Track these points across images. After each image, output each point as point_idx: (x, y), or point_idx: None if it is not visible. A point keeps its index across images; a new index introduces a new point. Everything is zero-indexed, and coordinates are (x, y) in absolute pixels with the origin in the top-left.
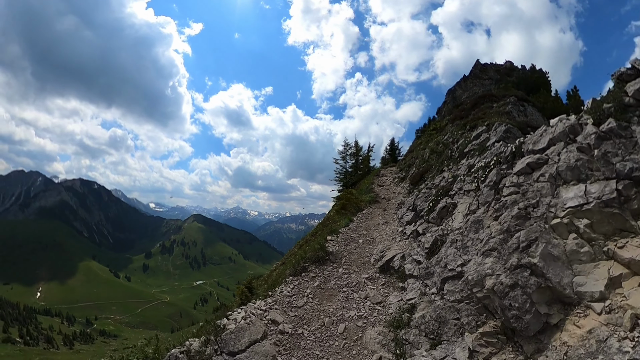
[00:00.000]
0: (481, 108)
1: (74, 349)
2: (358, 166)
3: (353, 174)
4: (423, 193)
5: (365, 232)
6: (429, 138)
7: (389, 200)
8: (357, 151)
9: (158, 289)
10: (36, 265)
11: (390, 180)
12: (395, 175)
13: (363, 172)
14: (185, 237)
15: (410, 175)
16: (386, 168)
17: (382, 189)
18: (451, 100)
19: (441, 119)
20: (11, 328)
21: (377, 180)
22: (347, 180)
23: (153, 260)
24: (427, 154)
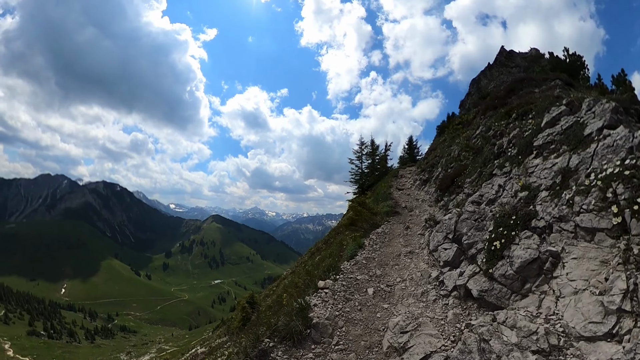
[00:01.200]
0: (519, 95)
1: (95, 343)
2: (375, 166)
3: (369, 175)
4: (469, 213)
5: (379, 272)
6: (455, 133)
7: (411, 211)
8: (374, 150)
9: (177, 287)
10: (61, 263)
11: (410, 182)
12: (416, 177)
13: (380, 173)
14: (204, 237)
15: (437, 178)
16: (405, 168)
17: (401, 193)
18: (476, 91)
19: (466, 111)
20: (36, 322)
21: (395, 183)
22: (363, 182)
23: (173, 260)
24: (455, 151)
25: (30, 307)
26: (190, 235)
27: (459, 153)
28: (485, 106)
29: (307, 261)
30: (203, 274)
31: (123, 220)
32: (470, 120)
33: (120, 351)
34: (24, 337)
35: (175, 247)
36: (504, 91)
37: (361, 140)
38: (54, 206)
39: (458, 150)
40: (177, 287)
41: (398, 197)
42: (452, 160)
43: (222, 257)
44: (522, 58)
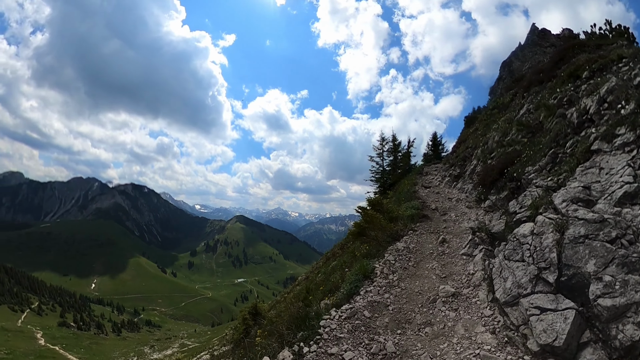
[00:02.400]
0: (572, 62)
1: (121, 335)
2: (397, 164)
3: (391, 173)
4: (585, 225)
5: (391, 344)
6: (489, 120)
7: (444, 214)
8: (395, 147)
9: (201, 285)
10: (92, 260)
11: (438, 179)
12: (445, 173)
13: (403, 171)
14: (228, 237)
15: (473, 172)
16: (430, 165)
17: (429, 192)
18: (508, 74)
19: (499, 97)
20: (67, 314)
21: (421, 180)
22: (384, 180)
23: (198, 258)
24: (494, 137)
25: (62, 300)
26: (214, 234)
27: (500, 139)
28: (527, 83)
29: (322, 267)
30: (227, 272)
31: (150, 220)
32: (507, 104)
33: (145, 344)
34: (55, 328)
35: (200, 246)
36: (551, 62)
37: (382, 136)
38: (85, 207)
39: (499, 136)
40: (201, 284)
41: (425, 196)
42: (493, 148)
43: (245, 257)
44: (557, 38)
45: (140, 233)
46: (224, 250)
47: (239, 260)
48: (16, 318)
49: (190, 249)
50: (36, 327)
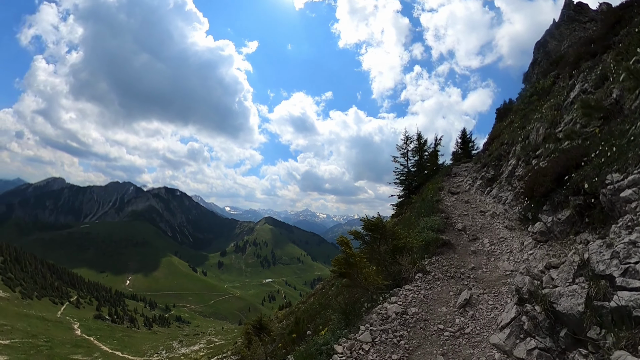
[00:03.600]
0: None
1: (152, 330)
2: (423, 164)
3: (417, 174)
4: None
5: None
6: (528, 109)
7: (474, 240)
8: (421, 146)
9: (230, 284)
10: (127, 258)
11: (468, 182)
12: (476, 175)
13: (429, 172)
14: (257, 238)
15: (512, 175)
16: (459, 165)
17: (456, 200)
18: (543, 56)
19: (536, 82)
20: (103, 307)
21: (448, 183)
22: (409, 183)
23: (227, 258)
24: (539, 129)
25: (98, 295)
26: (244, 235)
27: (548, 130)
28: (573, 58)
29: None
30: (255, 272)
31: (183, 221)
32: (548, 89)
33: (174, 339)
34: (91, 320)
35: (229, 247)
36: (604, 27)
37: (405, 134)
38: (122, 209)
39: (545, 127)
40: (230, 284)
41: (451, 206)
42: (539, 143)
43: (273, 257)
44: (596, 13)
45: (172, 234)
46: (253, 250)
47: (267, 260)
48: (56, 310)
49: (220, 249)
50: (74, 318)
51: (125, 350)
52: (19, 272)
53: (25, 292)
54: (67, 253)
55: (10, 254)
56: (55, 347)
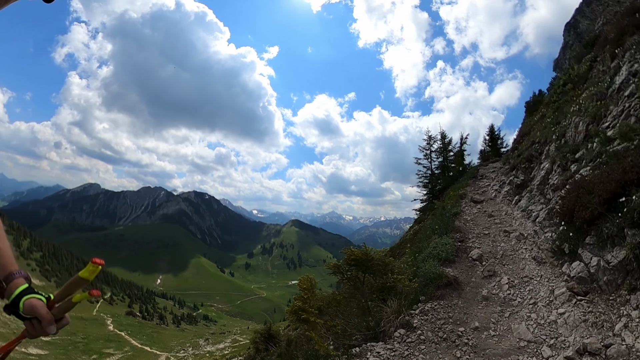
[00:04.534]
0: None
1: (180, 327)
2: (447, 165)
3: (441, 176)
4: None
5: None
6: (563, 99)
7: (489, 277)
8: (445, 146)
9: (257, 285)
10: (158, 259)
11: (495, 187)
12: (504, 179)
13: (455, 173)
14: (283, 240)
15: (550, 183)
16: (487, 165)
17: (479, 212)
18: (575, 38)
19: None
20: (134, 305)
21: (472, 188)
22: (432, 186)
23: (254, 260)
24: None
25: (130, 293)
26: (270, 238)
27: (590, 127)
28: (615, 34)
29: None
30: (281, 274)
31: (211, 224)
32: (584, 74)
33: (200, 337)
34: (123, 316)
35: (256, 249)
36: None
37: (428, 134)
38: (153, 212)
39: (586, 123)
40: (257, 285)
41: (471, 220)
42: (579, 143)
43: (299, 260)
44: None
45: (202, 236)
46: (280, 252)
47: (294, 262)
48: (92, 308)
49: (247, 251)
50: (107, 314)
51: (154, 345)
52: (56, 265)
53: (60, 282)
54: (102, 253)
55: (48, 250)
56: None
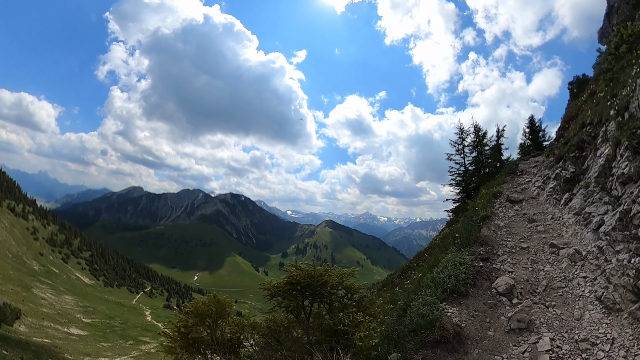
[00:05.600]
0: None
1: None
2: (483, 161)
3: (475, 173)
4: None
5: None
6: (618, 67)
7: (524, 333)
8: (479, 139)
9: None
10: (196, 256)
11: (537, 184)
12: (547, 173)
13: (491, 169)
14: (317, 241)
15: (616, 173)
16: (527, 160)
17: (516, 215)
18: (621, 0)
19: (622, 27)
20: (172, 298)
21: (510, 185)
22: (466, 184)
23: (288, 260)
24: None
25: (169, 287)
26: (304, 238)
27: None
28: None
29: None
30: None
31: (247, 224)
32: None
33: None
34: (161, 309)
35: (290, 249)
36: None
37: (460, 127)
38: (192, 213)
39: None
40: None
41: (504, 227)
42: None
43: (333, 260)
44: None
45: (237, 236)
46: (313, 253)
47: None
48: (132, 297)
49: (281, 251)
50: (146, 306)
51: None
52: (103, 264)
53: (107, 281)
54: (144, 250)
55: (96, 249)
56: (127, 329)
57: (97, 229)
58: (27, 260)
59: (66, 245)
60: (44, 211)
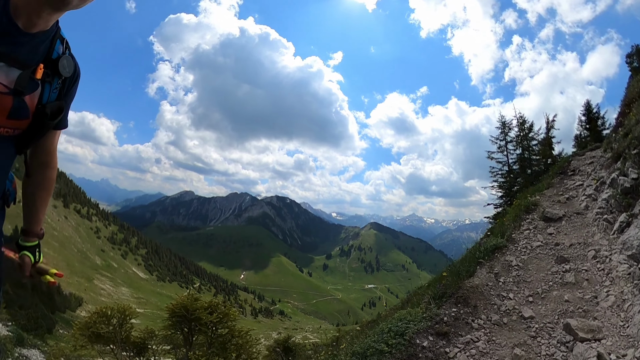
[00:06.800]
0: None
1: (256, 319)
2: (529, 158)
3: (520, 173)
4: None
5: None
6: None
7: None
8: (524, 133)
9: (333, 287)
10: (242, 256)
11: (588, 190)
12: (604, 175)
13: (540, 168)
14: (362, 243)
15: None
16: (583, 154)
17: (545, 243)
18: None
19: None
20: (218, 295)
21: (553, 191)
22: (509, 185)
23: (332, 261)
24: None
25: (216, 284)
26: (349, 240)
27: None
28: None
29: None
30: (358, 277)
31: (292, 226)
32: None
33: (274, 330)
34: None
35: (335, 251)
36: None
37: (502, 120)
38: (240, 215)
39: None
40: (333, 286)
41: (516, 269)
42: None
43: (377, 263)
44: None
45: (283, 237)
46: (357, 255)
47: (371, 266)
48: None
49: (326, 253)
50: None
51: None
52: (157, 261)
53: (160, 276)
54: (195, 249)
55: (151, 248)
56: None
57: (152, 230)
58: (91, 255)
59: (125, 244)
60: (105, 213)
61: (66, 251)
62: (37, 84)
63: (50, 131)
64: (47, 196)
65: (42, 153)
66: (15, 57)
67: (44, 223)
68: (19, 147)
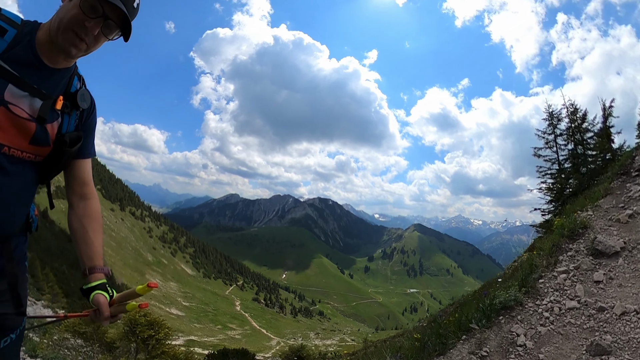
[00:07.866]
0: None
1: (296, 318)
2: (583, 154)
3: (572, 173)
4: None
5: None
6: None
7: None
8: (577, 124)
9: (374, 289)
10: (285, 256)
11: None
12: None
13: (597, 165)
14: (405, 246)
15: None
16: None
17: (583, 304)
18: None
19: None
20: (260, 293)
21: (612, 201)
22: (560, 187)
23: (374, 264)
24: None
25: (259, 283)
26: (392, 242)
27: None
28: None
29: None
30: (400, 281)
31: (334, 228)
32: None
33: (312, 330)
34: (249, 301)
35: (377, 253)
36: None
37: (549, 110)
38: (283, 217)
39: None
40: (374, 289)
41: (520, 355)
42: None
43: (421, 267)
44: None
45: (325, 238)
46: (400, 258)
47: (414, 270)
48: (226, 289)
49: (367, 255)
50: (237, 297)
51: (270, 329)
52: (204, 259)
53: (206, 273)
54: (239, 249)
55: (199, 247)
56: (218, 315)
57: (200, 230)
58: (143, 252)
59: (174, 242)
60: (157, 215)
61: (122, 250)
62: (57, 115)
63: (79, 161)
64: (99, 226)
65: (77, 185)
66: (39, 88)
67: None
68: (42, 175)
